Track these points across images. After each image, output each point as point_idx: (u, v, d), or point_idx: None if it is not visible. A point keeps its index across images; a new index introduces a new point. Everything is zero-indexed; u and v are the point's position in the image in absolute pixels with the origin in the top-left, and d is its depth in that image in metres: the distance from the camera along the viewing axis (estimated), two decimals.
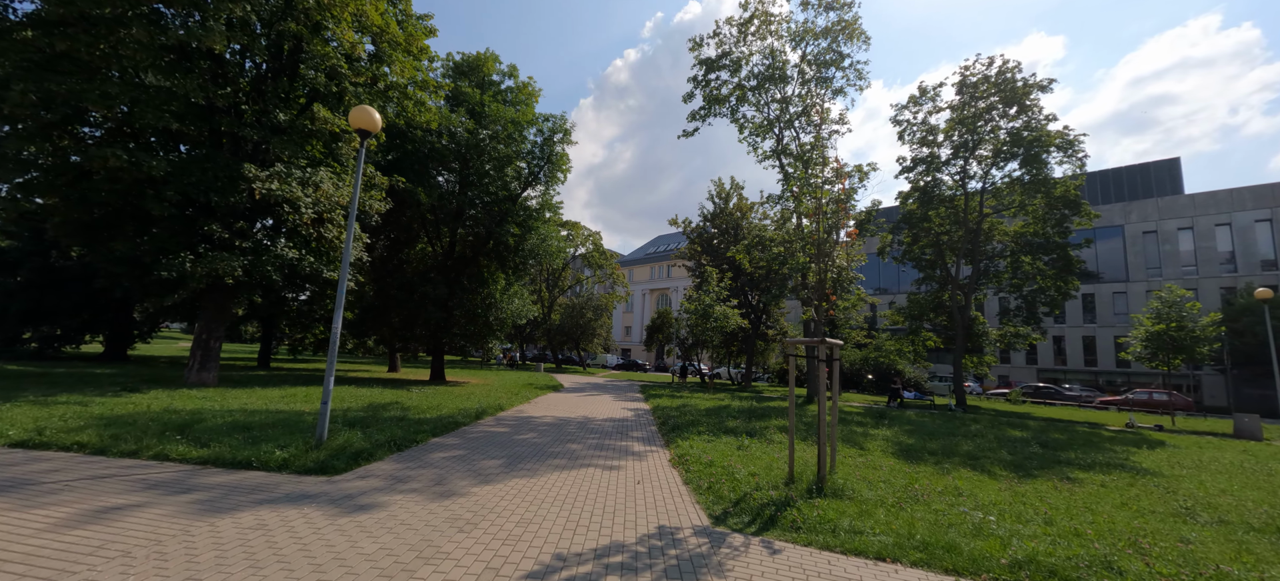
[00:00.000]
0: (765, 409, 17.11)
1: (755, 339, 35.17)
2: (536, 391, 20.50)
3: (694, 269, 37.14)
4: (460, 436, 9.46)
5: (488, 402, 14.30)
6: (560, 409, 15.05)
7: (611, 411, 15.18)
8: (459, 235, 24.99)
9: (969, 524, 5.44)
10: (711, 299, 24.79)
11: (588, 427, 11.56)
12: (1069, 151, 25.55)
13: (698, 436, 10.47)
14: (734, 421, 13.22)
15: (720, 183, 36.81)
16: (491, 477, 6.56)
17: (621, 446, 9.46)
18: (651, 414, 15.08)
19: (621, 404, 17.74)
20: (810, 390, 21.01)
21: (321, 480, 5.98)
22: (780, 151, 22.92)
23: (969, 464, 9.33)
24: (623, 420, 13.27)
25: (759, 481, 6.78)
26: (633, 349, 76.58)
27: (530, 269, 25.33)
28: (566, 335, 50.28)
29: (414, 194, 19.40)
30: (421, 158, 20.99)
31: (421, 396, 15.20)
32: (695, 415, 14.25)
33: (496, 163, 23.08)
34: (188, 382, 14.71)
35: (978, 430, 14.49)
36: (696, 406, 17.15)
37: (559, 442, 9.43)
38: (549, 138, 24.35)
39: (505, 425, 11.23)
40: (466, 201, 23.15)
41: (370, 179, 15.38)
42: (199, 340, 15.16)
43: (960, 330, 26.88)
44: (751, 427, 12.20)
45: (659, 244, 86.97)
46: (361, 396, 14.17)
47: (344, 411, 10.85)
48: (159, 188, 12.12)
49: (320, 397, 13.30)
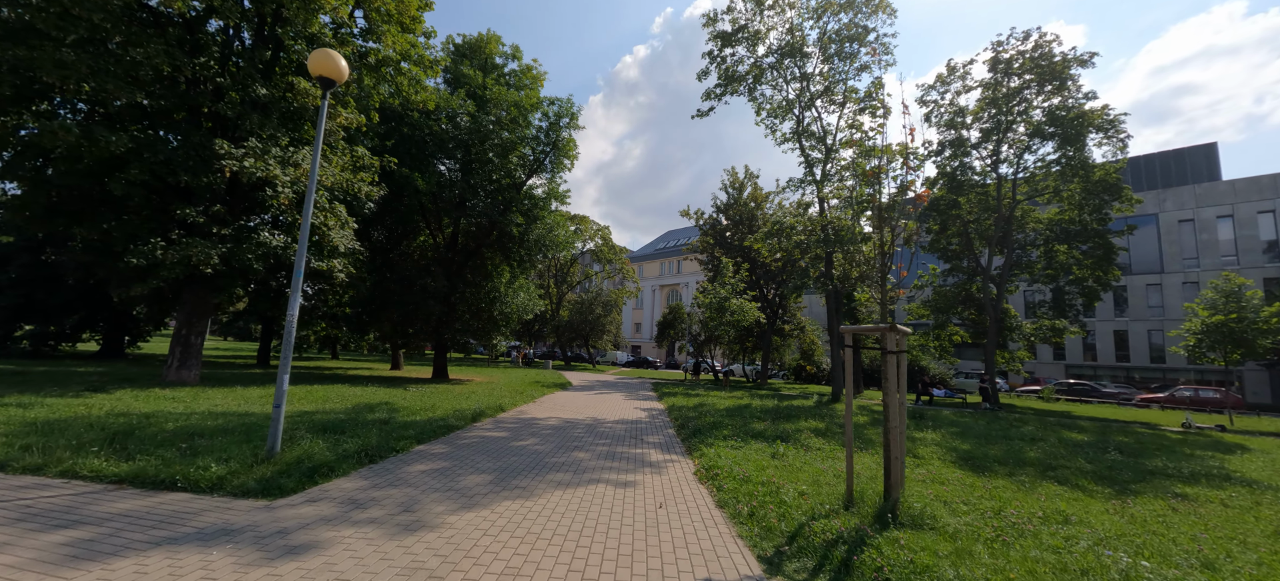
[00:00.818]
0: (790, 408, 15.70)
1: (771, 334, 33.67)
2: (542, 390, 19.25)
3: (707, 262, 35.71)
4: (449, 443, 8.17)
5: (488, 403, 13.04)
6: (567, 409, 13.76)
7: (623, 411, 13.86)
8: (461, 226, 23.79)
9: (1108, 570, 4.04)
10: (727, 291, 23.34)
11: (597, 431, 10.24)
12: (1110, 132, 23.76)
13: (722, 441, 9.11)
14: (760, 423, 11.83)
15: (734, 172, 35.33)
16: (476, 500, 5.25)
17: (636, 455, 8.13)
18: (667, 414, 13.74)
19: (633, 403, 16.42)
20: (835, 387, 19.53)
21: (258, 505, 4.71)
22: (800, 133, 21.41)
23: (1048, 476, 7.88)
24: (636, 422, 11.94)
25: (812, 504, 5.40)
26: (643, 346, 75.28)
27: (536, 261, 24.05)
28: (575, 332, 49.07)
29: (411, 181, 18.17)
30: (420, 142, 19.77)
31: (417, 396, 13.98)
32: (715, 416, 12.89)
33: (500, 149, 21.81)
34: (165, 381, 13.60)
35: (1032, 433, 12.97)
36: (715, 405, 15.80)
37: (563, 450, 8.12)
38: (555, 122, 23.04)
39: (504, 429, 9.94)
40: (469, 190, 21.91)
41: (360, 159, 14.16)
42: (178, 335, 14.05)
43: (992, 324, 25.22)
44: (781, 430, 10.80)
45: (669, 239, 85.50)
46: (350, 396, 12.97)
47: (321, 414, 9.62)
48: (122, 167, 10.97)
49: (316, 398, 12.25)
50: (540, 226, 22.73)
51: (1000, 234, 25.32)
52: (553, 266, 56.35)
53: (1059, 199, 26.51)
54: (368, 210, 16.58)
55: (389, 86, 15.96)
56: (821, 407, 16.95)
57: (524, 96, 22.28)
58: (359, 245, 15.55)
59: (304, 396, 12.31)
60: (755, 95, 21.33)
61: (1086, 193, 24.89)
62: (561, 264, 56.42)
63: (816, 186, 20.73)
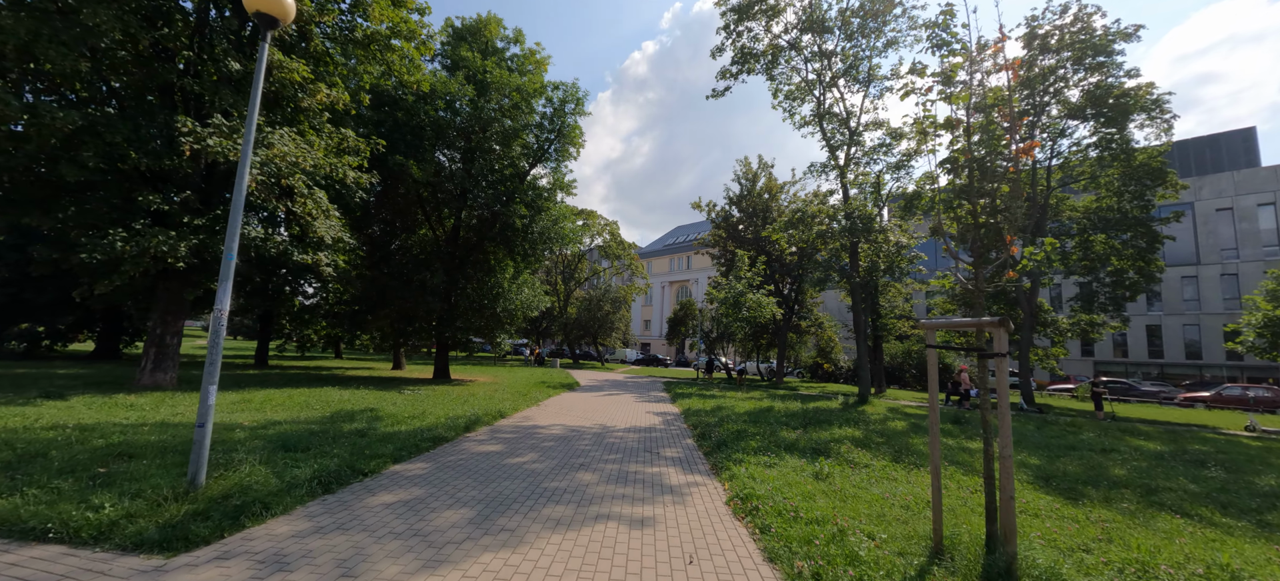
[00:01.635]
0: (818, 413, 14.32)
1: (787, 330, 32.22)
2: (548, 391, 18.03)
3: (719, 256, 34.34)
4: (432, 461, 6.92)
5: (486, 408, 11.81)
6: (573, 414, 12.49)
7: (634, 416, 12.57)
8: (463, 218, 22.63)
9: None
10: (743, 285, 21.93)
11: (605, 442, 8.95)
12: (1155, 113, 22.06)
13: (751, 456, 7.79)
14: (789, 431, 10.49)
15: (747, 161, 33.86)
16: (445, 553, 3.97)
17: (652, 475, 6.83)
18: (683, 420, 12.43)
19: (645, 406, 15.13)
20: (862, 387, 18.10)
21: (145, 566, 3.47)
22: (821, 116, 19.93)
23: (1154, 502, 6.48)
24: (649, 430, 10.65)
25: (890, 558, 4.07)
26: (652, 343, 74.02)
27: (541, 255, 22.82)
28: (584, 329, 47.86)
29: (406, 169, 16.96)
30: (416, 129, 18.57)
31: (409, 400, 12.79)
32: (737, 422, 11.57)
33: (502, 137, 20.59)
34: (137, 386, 12.53)
35: (1098, 442, 11.51)
36: (734, 408, 14.47)
37: (565, 470, 6.84)
38: (559, 108, 21.76)
39: (500, 440, 8.69)
40: (470, 180, 20.73)
41: (344, 142, 12.94)
42: (152, 335, 12.96)
43: (1027, 319, 23.64)
44: (815, 441, 9.46)
45: (678, 234, 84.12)
46: (334, 401, 11.80)
47: (288, 425, 8.42)
48: (75, 149, 9.84)
49: (293, 404, 10.91)
50: (545, 218, 21.48)
51: (1034, 223, 23.69)
52: (560, 262, 55.22)
53: (1095, 185, 24.86)
54: (359, 200, 15.38)
55: (379, 66, 14.75)
56: (851, 411, 15.57)
57: (527, 81, 21.01)
58: (348, 236, 14.38)
59: (281, 402, 11.15)
60: (773, 74, 19.88)
61: (1126, 178, 23.22)
62: (569, 260, 55.26)
63: (840, 172, 19.28)
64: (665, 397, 18.23)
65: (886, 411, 16.41)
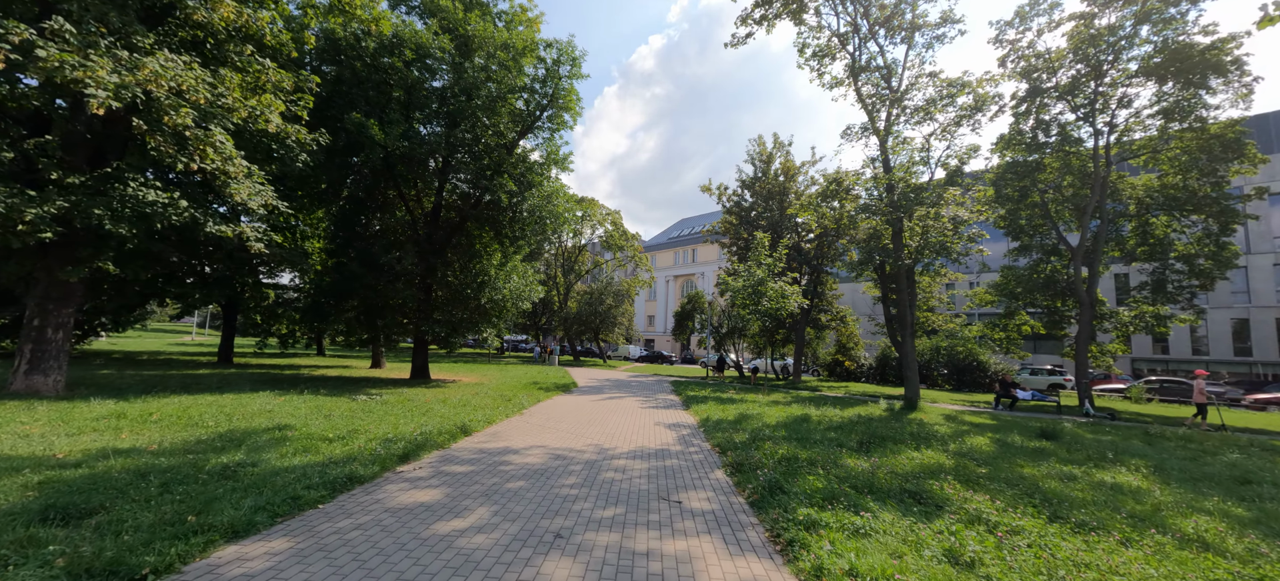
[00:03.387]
0: (868, 423, 11.51)
1: (805, 325, 29.37)
2: (538, 394, 15.28)
3: (730, 244, 31.50)
4: (300, 535, 4.11)
5: (447, 421, 9.05)
6: (562, 427, 9.71)
7: (641, 431, 9.78)
8: (444, 197, 19.87)
9: None
10: (763, 272, 19.04)
11: (600, 481, 6.16)
12: (1233, 74, 19.05)
13: (823, 508, 5.00)
14: (853, 456, 7.70)
15: (761, 140, 30.94)
16: None
17: (677, 558, 4.05)
18: (704, 435, 9.64)
19: (654, 415, 12.33)
20: (909, 390, 15.23)
21: None
22: (857, 71, 17.03)
23: None
24: (662, 454, 7.85)
25: None
26: (656, 339, 71.24)
27: (532, 238, 20.03)
28: (584, 325, 45.05)
29: (367, 132, 14.13)
30: (380, 86, 15.77)
31: (352, 411, 10.04)
32: (776, 439, 8.80)
33: (486, 102, 17.79)
34: (8, 391, 9.83)
35: (1252, 466, 8.68)
36: (763, 418, 11.67)
37: (527, 548, 4.04)
38: (552, 70, 18.89)
39: (443, 479, 5.90)
40: (450, 150, 17.97)
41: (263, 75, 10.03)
42: (28, 329, 10.23)
43: (1086, 311, 20.74)
44: (900, 474, 6.65)
45: (683, 227, 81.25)
46: (245, 413, 9.04)
47: (123, 462, 5.66)
48: None
49: (179, 420, 7.24)
50: (536, 196, 18.66)
51: (1095, 202, 20.75)
52: (560, 254, 52.42)
53: (1156, 161, 21.93)
54: (302, 163, 12.58)
55: None
56: (903, 420, 12.76)
57: (515, 38, 18.17)
58: (283, 205, 11.57)
59: (167, 416, 8.39)
60: (801, 19, 16.88)
61: (1196, 152, 20.29)
62: (569, 251, 52.46)
63: (879, 137, 16.37)
64: (676, 402, 15.45)
65: (943, 418, 13.59)
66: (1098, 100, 20.24)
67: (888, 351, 31.81)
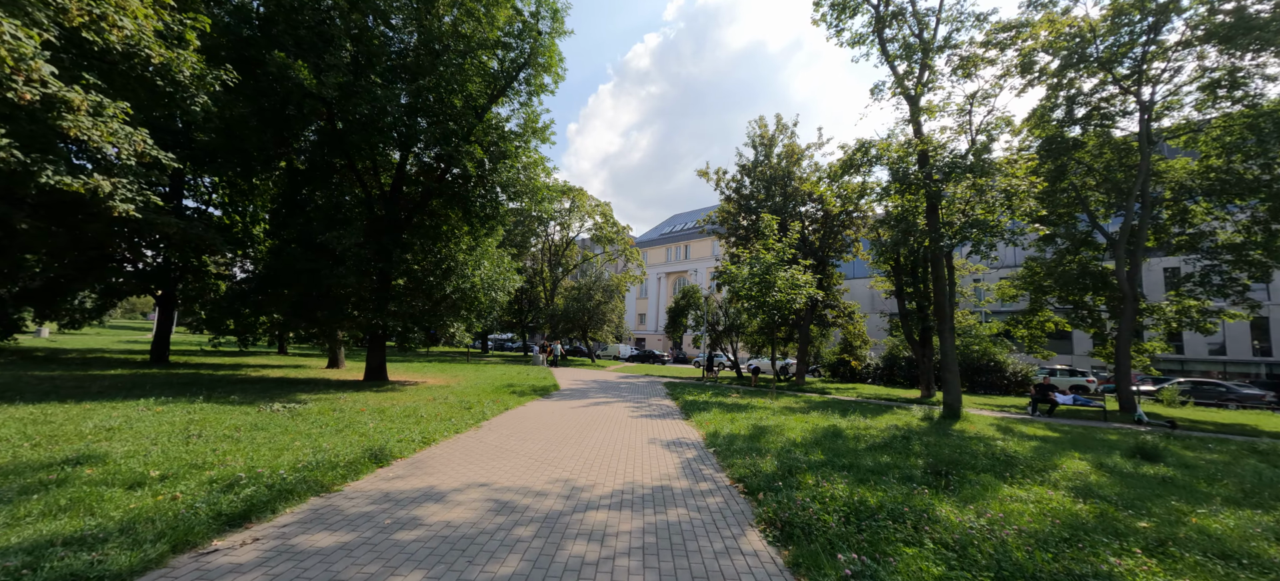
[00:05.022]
0: (921, 439, 9.08)
1: (810, 321, 27.00)
2: (510, 400, 12.70)
3: (728, 235, 29.07)
4: None
5: (362, 444, 6.49)
6: (524, 451, 7.16)
7: (631, 454, 7.25)
8: (407, 172, 17.22)
9: None
10: (773, 257, 16.55)
11: (559, 567, 3.65)
12: None
13: None
14: (942, 498, 5.26)
15: (762, 121, 28.55)
16: None
17: None
18: (714, 458, 7.14)
19: (647, 428, 9.78)
20: (950, 395, 12.82)
21: None
22: (881, 21, 14.63)
23: None
24: (662, 496, 5.32)
25: None
26: (647, 338, 68.78)
27: (506, 217, 17.38)
28: (572, 322, 42.37)
29: (290, 75, 11.37)
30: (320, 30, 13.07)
31: (248, 425, 7.41)
32: (814, 464, 6.34)
33: (454, 62, 15.19)
34: None
35: None
36: (783, 430, 9.21)
37: None
38: (530, 23, 16.29)
39: (275, 570, 3.36)
40: (412, 115, 15.34)
41: None
42: None
43: (1129, 305, 18.58)
44: (1048, 544, 4.21)
45: (675, 222, 78.83)
46: (89, 429, 6.40)
47: None
48: None
49: (82, 427, 5.50)
50: (509, 167, 16.03)
51: (1140, 184, 18.57)
52: (546, 248, 49.69)
53: (1195, 143, 19.86)
54: (200, 107, 9.84)
55: None
56: (947, 430, 10.39)
57: None
58: (162, 153, 8.85)
59: None
60: None
61: (1241, 132, 18.17)
62: (556, 245, 49.76)
63: (910, 102, 13.98)
64: (672, 409, 12.94)
65: (994, 429, 11.22)
66: (1144, 67, 18.04)
67: (896, 350, 29.57)
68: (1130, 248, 18.91)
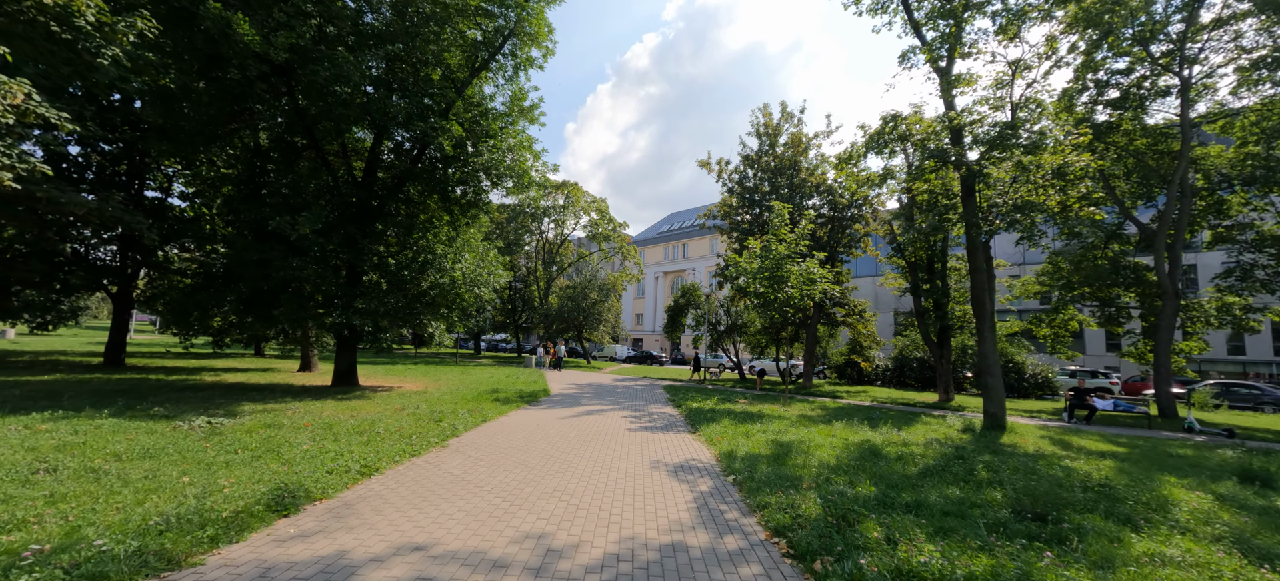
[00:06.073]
0: (966, 455, 7.52)
1: (817, 321, 25.46)
2: (491, 408, 11.08)
3: (729, 230, 27.51)
4: None
5: (276, 480, 4.88)
6: (493, 483, 5.55)
7: (629, 488, 5.64)
8: (383, 159, 15.61)
9: None
10: (785, 249, 14.97)
11: None
12: None
13: None
14: (1066, 565, 3.69)
15: (767, 109, 26.99)
16: None
17: None
18: (736, 490, 5.55)
19: (648, 445, 8.18)
20: (994, 402, 11.23)
21: None
22: None
23: None
24: (676, 568, 3.75)
25: None
26: (644, 338, 67.15)
27: (488, 203, 15.76)
28: (567, 322, 40.69)
29: (230, 31, 9.69)
30: None
31: (137, 451, 5.80)
32: (868, 504, 4.76)
33: (428, 31, 13.56)
34: None
35: None
36: (809, 447, 7.64)
37: None
38: None
39: None
40: (386, 89, 13.72)
41: None
42: None
43: (1170, 301, 17.11)
44: None
45: (673, 220, 77.23)
46: None
47: None
48: None
49: None
50: (491, 149, 14.39)
51: (1180, 172, 17.08)
52: (541, 246, 48.01)
53: (1230, 128, 18.46)
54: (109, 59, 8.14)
55: None
56: (994, 445, 8.83)
57: None
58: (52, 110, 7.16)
59: None
60: None
61: None
62: (550, 243, 48.08)
63: (941, 74, 12.42)
64: (675, 418, 11.35)
65: (1051, 443, 9.68)
66: (1186, 43, 16.57)
67: (907, 351, 28.06)
68: (1169, 240, 17.43)
